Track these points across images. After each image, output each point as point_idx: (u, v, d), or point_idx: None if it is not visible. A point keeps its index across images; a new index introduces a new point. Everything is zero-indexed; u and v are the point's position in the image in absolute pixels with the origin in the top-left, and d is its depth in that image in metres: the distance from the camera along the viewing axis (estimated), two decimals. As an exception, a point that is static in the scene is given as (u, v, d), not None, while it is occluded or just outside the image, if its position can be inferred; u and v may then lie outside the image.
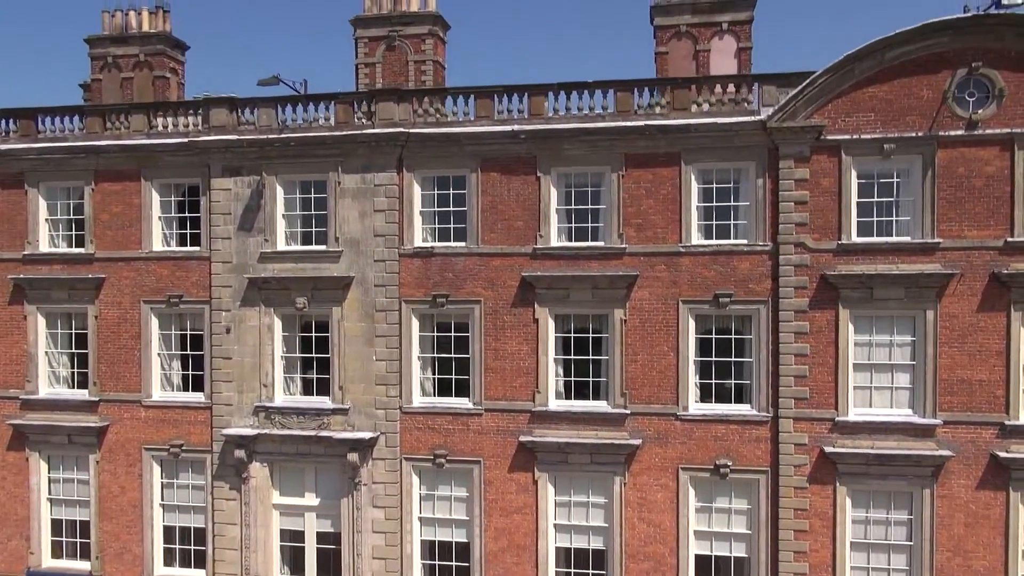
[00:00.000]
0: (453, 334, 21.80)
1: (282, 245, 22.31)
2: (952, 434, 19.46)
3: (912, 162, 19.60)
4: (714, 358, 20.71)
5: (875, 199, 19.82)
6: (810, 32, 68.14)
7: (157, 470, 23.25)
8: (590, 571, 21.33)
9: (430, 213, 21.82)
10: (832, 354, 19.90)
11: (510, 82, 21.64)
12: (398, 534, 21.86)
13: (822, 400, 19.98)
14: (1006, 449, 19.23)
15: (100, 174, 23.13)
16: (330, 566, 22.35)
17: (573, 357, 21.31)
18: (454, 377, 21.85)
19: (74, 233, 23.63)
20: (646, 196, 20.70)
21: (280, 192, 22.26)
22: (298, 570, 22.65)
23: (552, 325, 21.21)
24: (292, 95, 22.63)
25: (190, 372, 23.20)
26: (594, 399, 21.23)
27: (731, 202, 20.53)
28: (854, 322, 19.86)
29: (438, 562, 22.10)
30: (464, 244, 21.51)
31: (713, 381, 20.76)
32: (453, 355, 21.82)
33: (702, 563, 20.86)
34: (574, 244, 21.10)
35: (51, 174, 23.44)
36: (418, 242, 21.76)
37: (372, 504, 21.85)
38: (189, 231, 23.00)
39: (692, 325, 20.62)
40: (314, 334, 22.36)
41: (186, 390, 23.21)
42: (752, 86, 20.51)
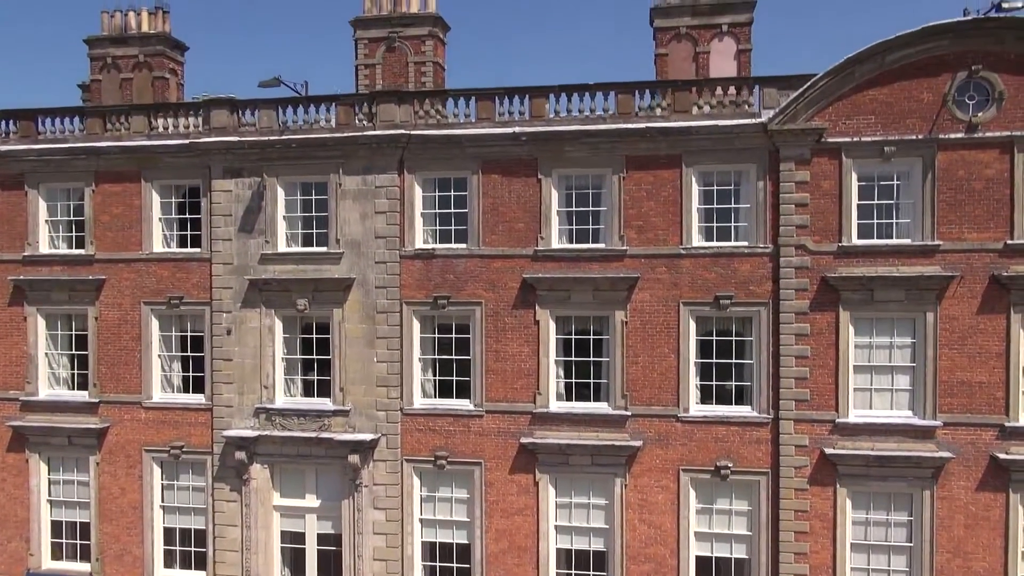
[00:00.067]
0: (454, 336, 21.81)
1: (283, 247, 22.32)
2: (952, 436, 19.53)
3: (912, 165, 19.66)
4: (715, 360, 20.75)
5: (875, 201, 19.88)
6: (809, 34, 68.28)
7: (157, 472, 23.25)
8: (591, 572, 21.36)
9: (431, 215, 21.84)
10: (832, 356, 19.96)
11: (509, 83, 21.69)
12: (399, 536, 21.88)
13: (823, 402, 20.04)
14: (1006, 451, 19.31)
15: (100, 175, 23.12)
16: (331, 568, 22.36)
17: (574, 359, 21.34)
18: (455, 379, 21.87)
19: (74, 234, 23.61)
20: (647, 198, 20.74)
21: (281, 193, 22.26)
22: (299, 572, 22.65)
23: (553, 327, 21.24)
24: (293, 97, 22.65)
25: (190, 374, 23.19)
26: (595, 401, 21.26)
27: (732, 204, 20.58)
28: (854, 324, 19.92)
29: (439, 564, 22.11)
30: (465, 246, 21.52)
31: (714, 383, 20.80)
32: (454, 357, 21.84)
33: (703, 564, 20.90)
34: (575, 246, 21.14)
35: (51, 175, 23.42)
36: (419, 244, 21.78)
37: (373, 506, 21.86)
38: (190, 232, 22.99)
39: (693, 327, 20.66)
40: (315, 336, 22.37)
41: (186, 392, 23.21)
42: (753, 88, 20.56)
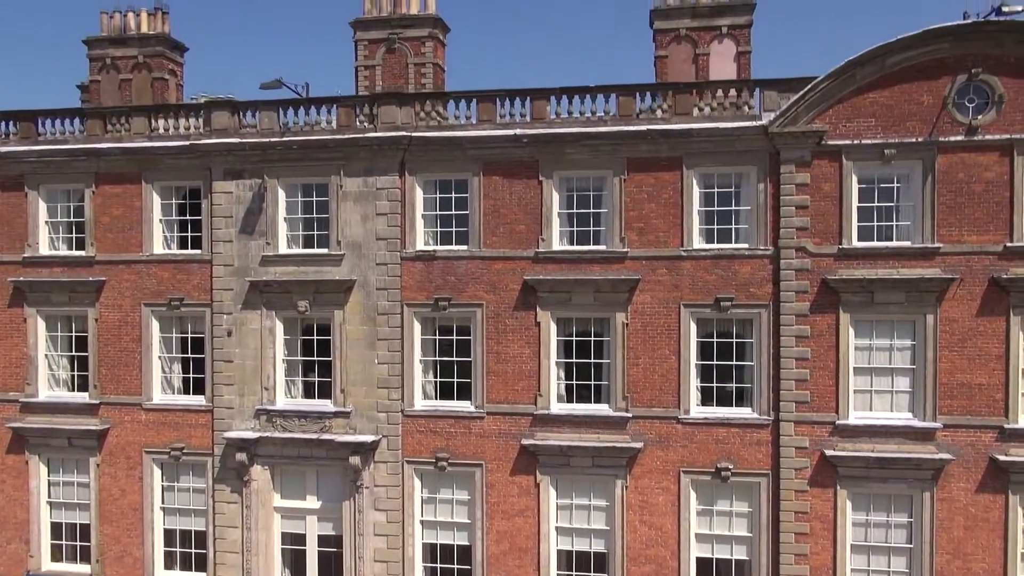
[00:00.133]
0: (455, 337, 21.83)
1: (284, 248, 22.31)
2: (952, 438, 19.59)
3: (912, 167, 19.72)
4: (715, 362, 20.79)
5: (876, 204, 19.94)
6: (808, 36, 68.38)
7: (158, 473, 23.23)
8: (591, 574, 21.39)
9: (432, 216, 21.85)
10: (833, 358, 20.02)
11: (509, 83, 21.81)
12: (400, 537, 21.89)
13: (823, 404, 20.09)
14: (1005, 452, 19.39)
15: (101, 177, 23.08)
16: (331, 569, 22.37)
17: (575, 360, 21.37)
18: (456, 380, 21.89)
19: (74, 236, 23.58)
20: (648, 200, 20.77)
21: (282, 195, 22.26)
22: (299, 573, 22.65)
23: (554, 328, 21.26)
24: (294, 98, 22.60)
25: (191, 375, 23.18)
26: (596, 402, 21.29)
27: (732, 206, 20.63)
28: (855, 326, 19.98)
29: (440, 565, 22.13)
30: (466, 248, 21.54)
31: (714, 384, 20.84)
32: (455, 358, 21.86)
33: (703, 566, 20.95)
34: (576, 248, 21.17)
35: (51, 176, 23.38)
36: (420, 245, 21.79)
37: (374, 507, 21.87)
38: (190, 234, 22.98)
39: (693, 329, 20.70)
40: (315, 337, 22.37)
41: (187, 393, 23.19)
42: (753, 91, 20.60)
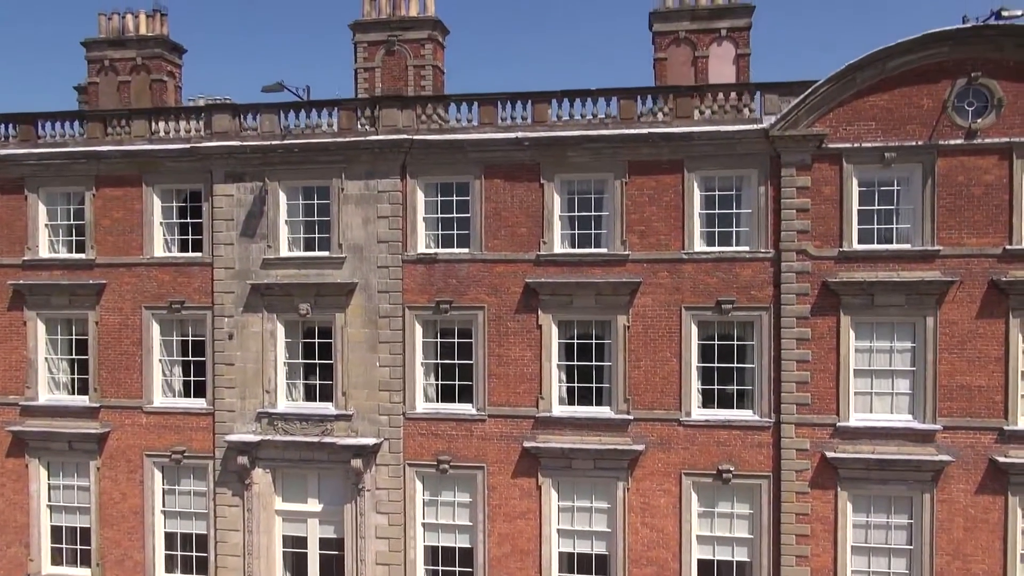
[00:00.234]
0: (456, 340, 21.86)
1: (285, 251, 22.31)
2: (952, 439, 19.70)
3: (912, 170, 19.82)
4: (716, 364, 20.86)
5: (876, 207, 20.03)
6: (808, 38, 68.62)
7: (159, 476, 23.21)
8: (593, 576, 21.51)
9: (433, 219, 21.87)
10: (833, 360, 20.10)
11: (508, 84, 22.00)
12: (401, 540, 21.91)
13: (823, 405, 20.18)
14: (1005, 454, 19.50)
15: (101, 179, 23.05)
16: (333, 572, 22.37)
17: (576, 363, 21.41)
18: (457, 383, 21.92)
19: (74, 238, 23.52)
20: (649, 203, 20.84)
21: (283, 198, 22.26)
22: (301, 576, 22.73)
23: (555, 331, 21.31)
24: (295, 101, 22.57)
25: (192, 378, 23.15)
26: (597, 405, 21.35)
27: (733, 209, 20.70)
28: (855, 328, 20.08)
29: (441, 567, 22.15)
30: (468, 250, 21.57)
31: (715, 387, 20.91)
32: (456, 361, 21.88)
33: (705, 568, 21.02)
34: (577, 251, 21.23)
35: (51, 179, 23.33)
36: (421, 248, 21.81)
37: (375, 510, 21.89)
38: (191, 237, 22.96)
39: (695, 331, 20.77)
40: (317, 340, 22.37)
41: (188, 396, 23.16)
42: (754, 94, 20.67)
